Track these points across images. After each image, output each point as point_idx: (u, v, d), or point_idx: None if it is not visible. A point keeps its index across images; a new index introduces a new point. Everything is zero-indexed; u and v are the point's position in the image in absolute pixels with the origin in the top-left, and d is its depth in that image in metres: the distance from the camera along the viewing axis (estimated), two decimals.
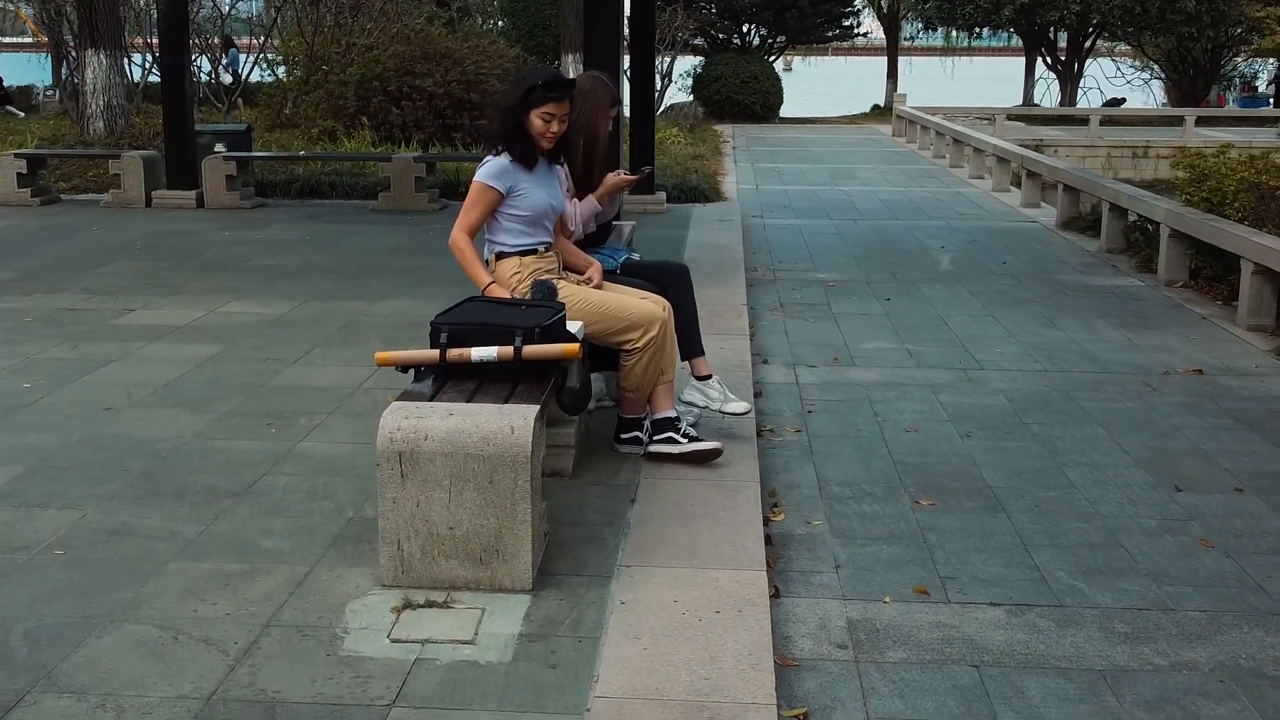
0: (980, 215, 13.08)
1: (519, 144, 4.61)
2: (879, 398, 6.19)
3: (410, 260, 9.28)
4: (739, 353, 6.61)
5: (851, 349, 7.20)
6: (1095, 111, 24.38)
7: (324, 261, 9.23)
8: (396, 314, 7.42)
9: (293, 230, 10.79)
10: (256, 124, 19.43)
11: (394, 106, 16.57)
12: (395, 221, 11.32)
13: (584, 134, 5.01)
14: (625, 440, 4.87)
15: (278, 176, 13.12)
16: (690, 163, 16.24)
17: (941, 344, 7.34)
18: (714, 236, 10.66)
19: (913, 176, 17.03)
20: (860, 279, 9.44)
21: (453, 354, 3.99)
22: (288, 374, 6.06)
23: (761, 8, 27.90)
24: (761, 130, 26.35)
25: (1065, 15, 27.16)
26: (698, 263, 9.21)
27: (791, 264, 10.10)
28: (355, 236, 10.42)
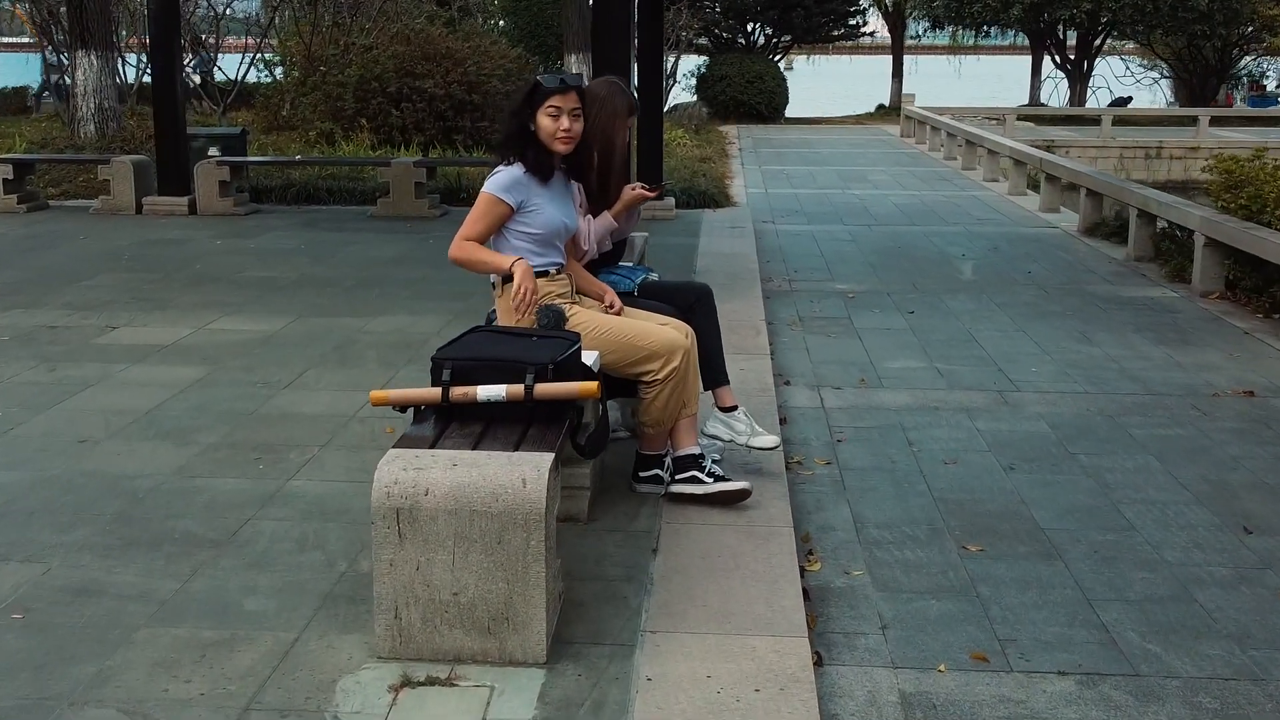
0: (999, 220, 12.67)
1: (531, 151, 4.20)
2: (912, 424, 5.77)
3: (410, 271, 8.87)
4: (760, 374, 6.20)
5: (878, 368, 6.79)
6: (1107, 111, 23.97)
7: (320, 273, 8.82)
8: (396, 331, 7.01)
9: (288, 238, 10.38)
10: (253, 126, 19.02)
11: (393, 108, 16.15)
12: (394, 229, 10.91)
13: (599, 144, 4.60)
14: (644, 479, 4.45)
15: (273, 181, 12.71)
16: (697, 165, 15.83)
17: (972, 362, 6.93)
18: (726, 245, 10.25)
19: (925, 179, 16.61)
20: (880, 290, 9.03)
21: (456, 393, 3.58)
22: (278, 400, 5.65)
23: (766, 7, 27.48)
24: (767, 131, 25.94)
25: (1076, 14, 26.72)
26: (711, 273, 8.81)
27: (807, 274, 9.69)
28: (353, 245, 10.01)
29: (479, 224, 4.22)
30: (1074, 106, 30.02)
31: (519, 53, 19.60)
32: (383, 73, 16.28)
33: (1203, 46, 30.04)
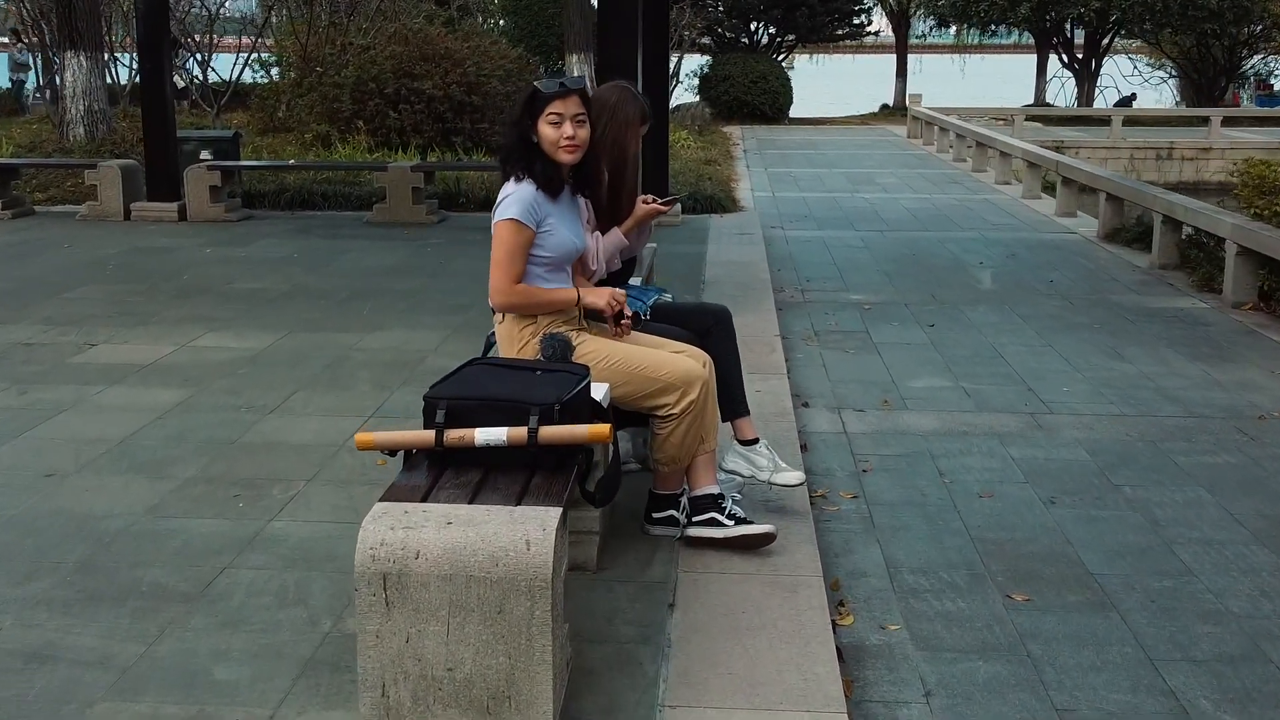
0: (1014, 226, 12.29)
1: (539, 164, 3.82)
2: (941, 451, 5.40)
3: (407, 282, 8.49)
4: (778, 396, 5.83)
5: (901, 388, 6.41)
6: (1117, 112, 23.58)
7: (312, 284, 8.44)
8: (391, 348, 6.63)
9: (280, 246, 10.00)
10: (248, 128, 18.67)
11: (391, 110, 15.78)
12: (391, 236, 10.53)
13: (610, 155, 4.22)
14: (658, 520, 4.08)
15: (266, 186, 12.33)
16: (702, 168, 15.45)
17: (1000, 380, 6.55)
18: (736, 252, 9.87)
19: (935, 182, 16.23)
20: (897, 300, 8.65)
21: (451, 436, 3.20)
22: (263, 427, 5.28)
23: (770, 6, 27.09)
24: (771, 132, 25.56)
25: (1084, 12, 26.33)
26: (721, 284, 8.44)
27: (820, 283, 9.31)
28: (348, 254, 9.63)
29: (517, 259, 3.81)
30: (1082, 106, 29.63)
31: (519, 53, 19.22)
32: (380, 74, 15.91)
33: (1211, 45, 29.66)
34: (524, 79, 18.25)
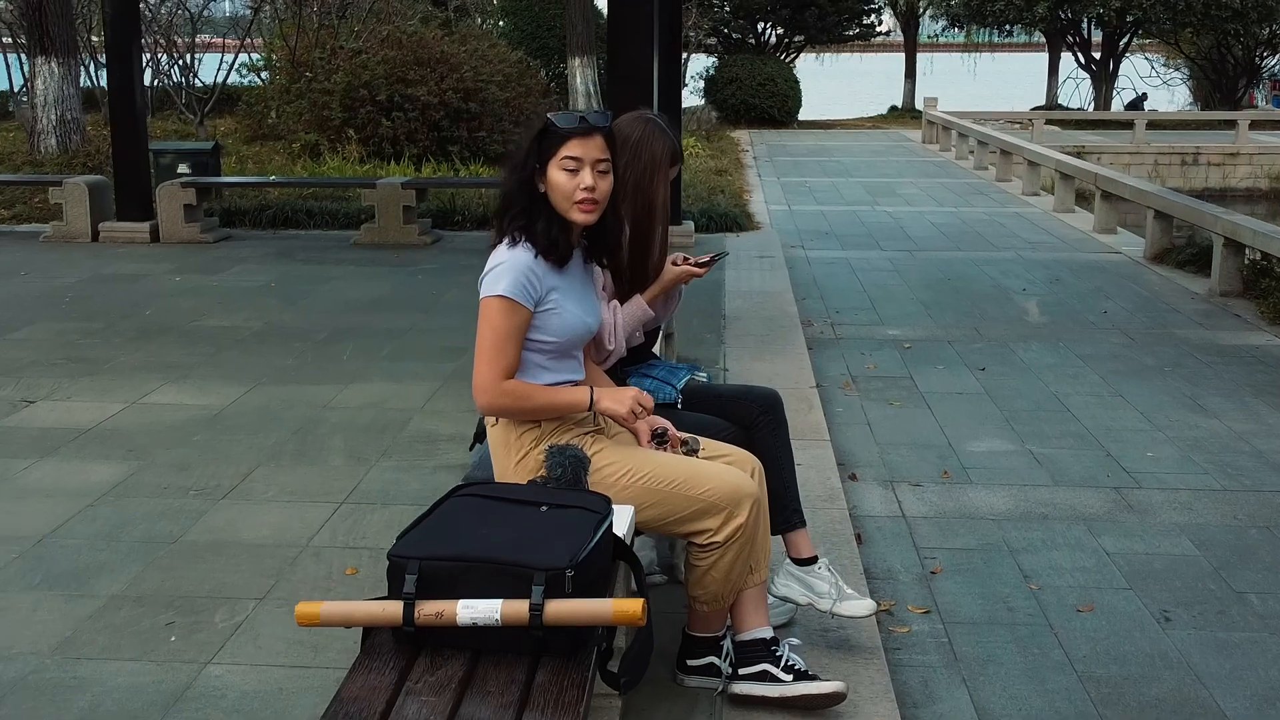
0: (1053, 244, 11.42)
1: (543, 223, 2.97)
2: (1020, 542, 4.54)
3: (393, 318, 7.62)
4: (822, 469, 4.98)
5: (960, 453, 5.56)
6: (1140, 115, 22.71)
7: (288, 321, 7.58)
8: (371, 406, 5.77)
9: (257, 273, 9.14)
10: (235, 135, 17.82)
11: (384, 118, 14.92)
12: (379, 260, 9.67)
13: (634, 206, 3.38)
14: (695, 670, 3.22)
15: (247, 202, 11.48)
16: (714, 179, 14.61)
17: (1072, 442, 5.69)
18: (757, 279, 9.01)
19: (959, 193, 15.36)
20: (939, 336, 7.79)
21: (425, 612, 2.34)
22: (214, 518, 4.42)
23: (778, 6, 26.19)
24: (780, 136, 24.68)
25: (1104, 12, 25.44)
26: (745, 318, 7.58)
27: (851, 314, 8.45)
28: (330, 283, 8.76)
29: (509, 347, 2.94)
30: (1099, 108, 28.77)
31: (519, 56, 18.35)
32: (372, 79, 15.05)
33: (1232, 45, 28.79)
34: (524, 84, 17.42)
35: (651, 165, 3.39)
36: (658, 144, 3.42)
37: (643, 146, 3.39)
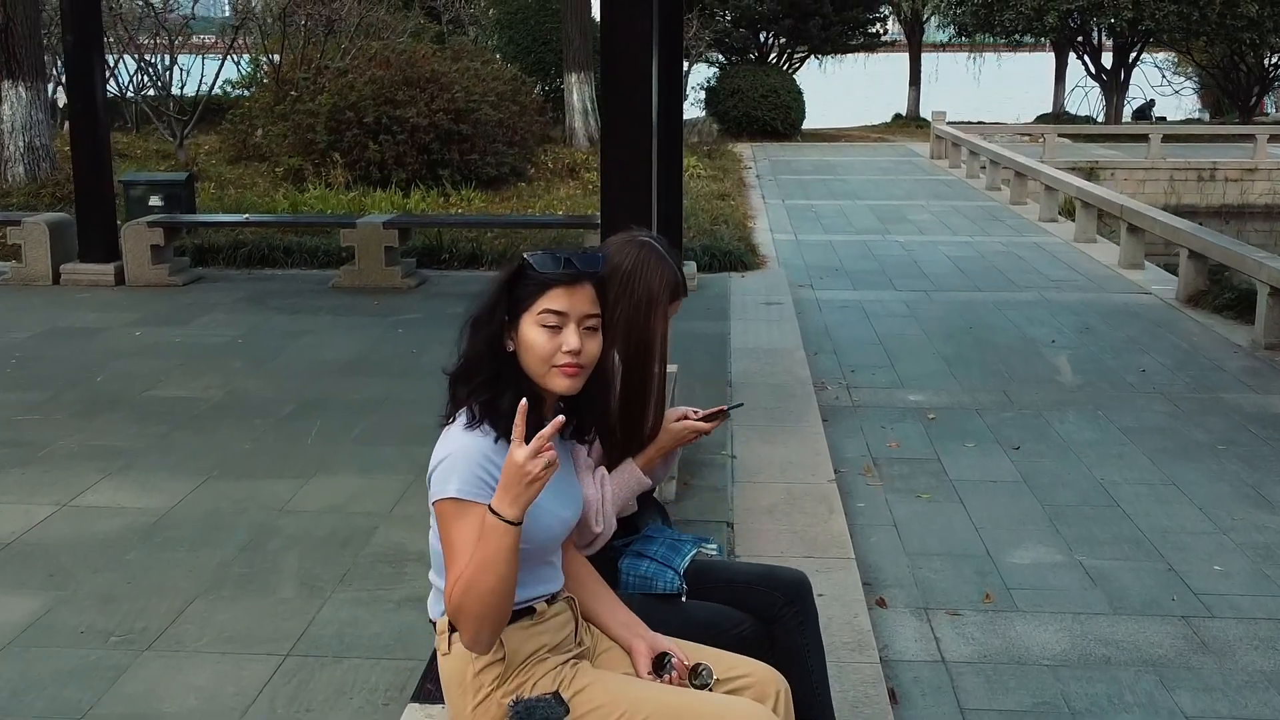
0: (1077, 283, 10.74)
1: (510, 395, 2.30)
2: (1081, 699, 3.87)
3: (368, 385, 6.95)
4: (846, 599, 4.32)
5: (1001, 565, 4.88)
6: (1157, 129, 22.01)
7: (253, 389, 6.90)
8: (332, 510, 5.09)
9: (226, 325, 8.47)
10: (219, 153, 17.15)
11: (370, 141, 14.26)
12: (358, 308, 8.99)
13: (625, 349, 2.71)
14: None
15: (222, 238, 10.80)
16: (716, 205, 13.95)
17: (1127, 550, 5.02)
18: (764, 332, 8.33)
19: (973, 219, 14.68)
20: (966, 403, 7.12)
21: None
22: (133, 679, 3.74)
23: (781, 16, 25.49)
24: (783, 150, 24.00)
25: (1115, 22, 24.74)
26: (752, 384, 6.90)
27: (868, 373, 7.78)
28: (303, 338, 8.09)
29: (462, 559, 2.25)
30: (1109, 118, 28.07)
31: (514, 72, 17.68)
32: (358, 100, 14.39)
33: (1245, 55, 28.11)
34: (518, 102, 16.75)
35: (648, 302, 2.72)
36: (655, 275, 2.74)
37: (636, 279, 2.72)
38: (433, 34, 20.27)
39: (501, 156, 15.29)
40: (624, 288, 2.68)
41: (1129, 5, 24.36)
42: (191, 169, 15.08)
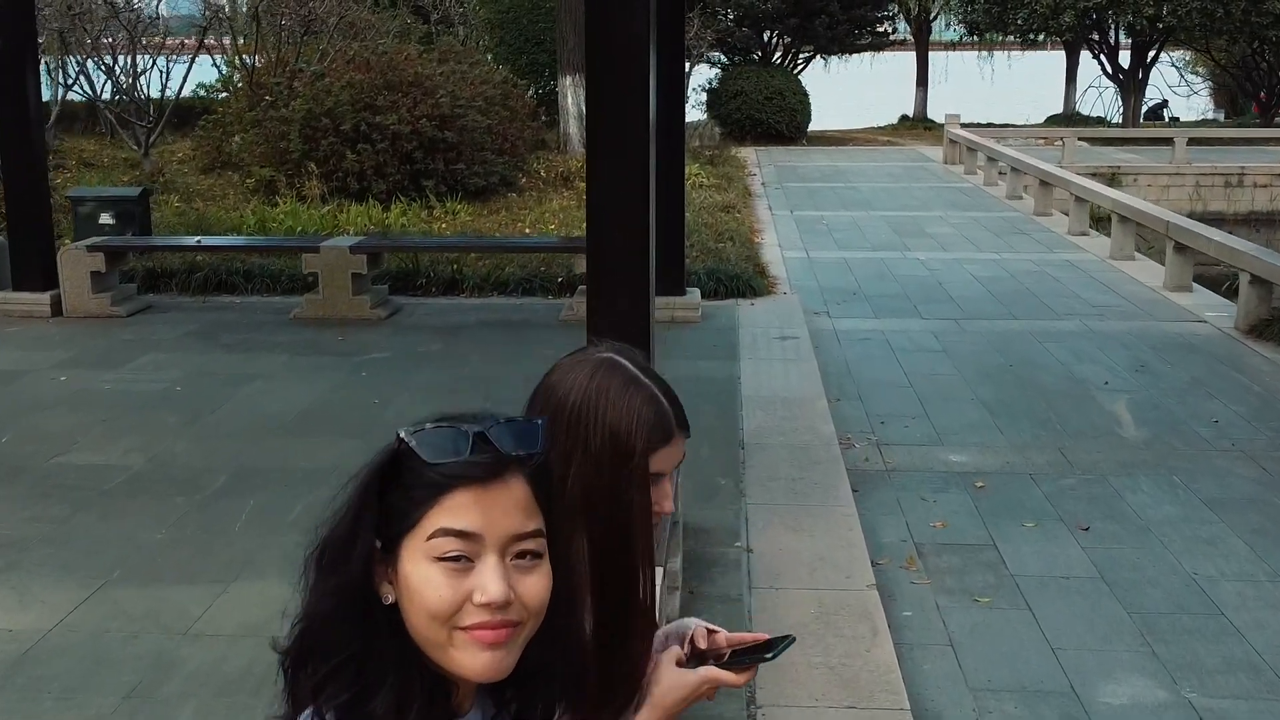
0: (1121, 309, 9.71)
1: (391, 692, 1.27)
2: None
3: (319, 450, 5.91)
4: None
5: (1091, 709, 3.86)
6: (1181, 131, 20.95)
7: (180, 454, 5.88)
8: (248, 632, 4.06)
9: (166, 367, 7.44)
10: (192, 161, 16.11)
11: (348, 150, 13.23)
12: (319, 345, 7.97)
13: (590, 539, 1.65)
14: None
15: (178, 261, 9.76)
16: (720, 219, 12.91)
17: (1244, 683, 4.01)
18: (780, 375, 7.29)
19: (996, 231, 13.65)
20: (1016, 464, 6.11)
21: None
22: None
23: (786, 14, 24.41)
24: (789, 155, 22.95)
25: (1135, 20, 23.68)
26: (768, 449, 5.89)
27: (899, 424, 6.76)
28: (252, 384, 7.06)
29: None
30: (1127, 120, 27.00)
31: (505, 75, 16.65)
32: (335, 106, 13.35)
33: (1265, 53, 27.05)
34: (508, 106, 15.73)
35: (613, 456, 1.64)
36: (622, 412, 1.64)
37: (591, 421, 1.64)
38: (420, 34, 19.22)
39: (490, 165, 14.27)
40: (573, 434, 1.63)
41: (1150, 2, 23.31)
42: (154, 182, 14.07)
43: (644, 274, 4.85)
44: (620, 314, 4.75)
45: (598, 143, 4.91)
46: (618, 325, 4.66)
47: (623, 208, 4.83)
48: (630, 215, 4.82)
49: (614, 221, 4.84)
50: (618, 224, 4.84)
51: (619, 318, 4.73)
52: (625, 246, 4.83)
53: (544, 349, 7.74)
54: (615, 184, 4.84)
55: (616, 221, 4.84)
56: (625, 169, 4.81)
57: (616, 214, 4.84)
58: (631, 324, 4.70)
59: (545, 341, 7.91)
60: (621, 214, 4.83)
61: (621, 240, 4.83)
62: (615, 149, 4.88)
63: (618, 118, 4.82)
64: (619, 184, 4.84)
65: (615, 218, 4.84)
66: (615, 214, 4.84)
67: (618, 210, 4.84)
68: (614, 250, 4.85)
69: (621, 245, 4.83)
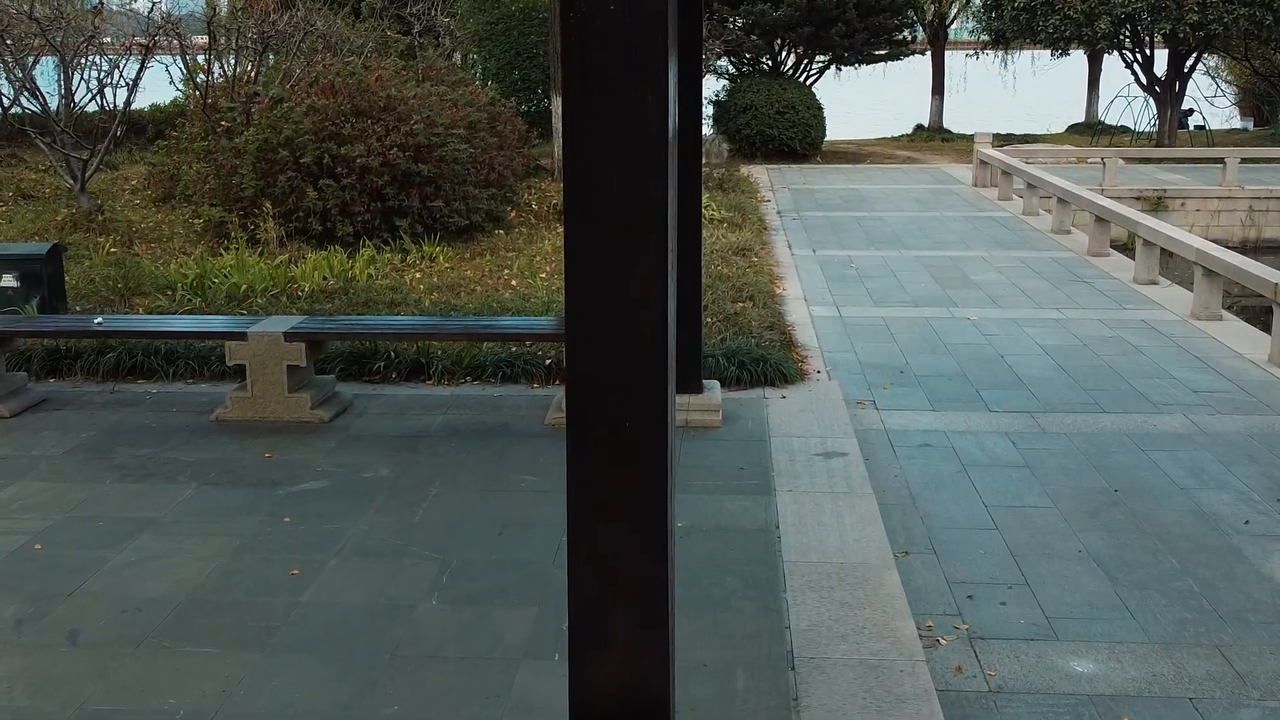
0: (1231, 396, 8.00)
1: None
2: None
3: (196, 672, 4.21)
4: None
5: None
6: (1232, 151, 19.26)
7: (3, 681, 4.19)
8: None
9: (33, 508, 5.74)
10: (146, 192, 14.39)
11: (309, 187, 11.55)
12: (239, 468, 6.27)
13: None
14: None
15: (82, 340, 8.07)
16: (737, 268, 11.22)
17: None
18: (830, 524, 5.58)
19: (1052, 280, 11.94)
20: (1166, 676, 4.43)
21: None
22: None
23: (799, 23, 22.67)
24: (805, 175, 21.24)
25: (1178, 28, 21.95)
26: (827, 664, 4.24)
27: (991, 599, 5.07)
28: (138, 539, 5.37)
29: None
30: (1163, 133, 25.28)
31: (491, 95, 14.95)
32: (295, 135, 11.67)
33: None
34: (496, 131, 14.04)
35: None
36: None
37: None
38: (402, 47, 17.54)
39: (473, 201, 12.59)
40: None
41: (1195, 8, 21.57)
42: (93, 219, 12.38)
43: (659, 382, 3.04)
44: (622, 443, 3.01)
45: (582, 183, 3.03)
46: (618, 454, 2.98)
47: (621, 282, 2.96)
48: (640, 290, 2.96)
49: (607, 300, 2.97)
50: (614, 304, 2.97)
51: (621, 443, 3.00)
52: (629, 342, 3.03)
53: (526, 475, 6.00)
54: (610, 243, 2.98)
55: (612, 300, 2.97)
56: (628, 219, 2.95)
57: (612, 289, 2.97)
58: (637, 452, 2.97)
59: (528, 463, 6.23)
60: (619, 292, 2.96)
61: (622, 333, 3.01)
62: (609, 187, 3.00)
63: (617, 139, 2.93)
64: (616, 243, 2.98)
65: (609, 295, 2.97)
66: (610, 289, 2.97)
67: (613, 285, 2.96)
68: (611, 350, 3.04)
69: (622, 342, 3.04)
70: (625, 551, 3.11)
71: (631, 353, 3.01)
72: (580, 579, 3.12)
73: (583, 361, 3.04)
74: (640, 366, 3.01)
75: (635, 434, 3.04)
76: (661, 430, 3.05)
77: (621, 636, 3.14)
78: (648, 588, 3.13)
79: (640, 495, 3.08)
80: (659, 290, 2.98)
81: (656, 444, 3.05)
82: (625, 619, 3.13)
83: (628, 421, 3.04)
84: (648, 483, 3.08)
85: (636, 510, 3.09)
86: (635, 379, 3.02)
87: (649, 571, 3.11)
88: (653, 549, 3.10)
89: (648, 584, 3.13)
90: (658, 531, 3.10)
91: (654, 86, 2.87)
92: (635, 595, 3.13)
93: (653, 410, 3.03)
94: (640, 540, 3.10)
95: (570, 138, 2.92)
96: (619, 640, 3.15)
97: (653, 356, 3.01)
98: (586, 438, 3.05)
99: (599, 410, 3.04)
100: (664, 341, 3.02)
